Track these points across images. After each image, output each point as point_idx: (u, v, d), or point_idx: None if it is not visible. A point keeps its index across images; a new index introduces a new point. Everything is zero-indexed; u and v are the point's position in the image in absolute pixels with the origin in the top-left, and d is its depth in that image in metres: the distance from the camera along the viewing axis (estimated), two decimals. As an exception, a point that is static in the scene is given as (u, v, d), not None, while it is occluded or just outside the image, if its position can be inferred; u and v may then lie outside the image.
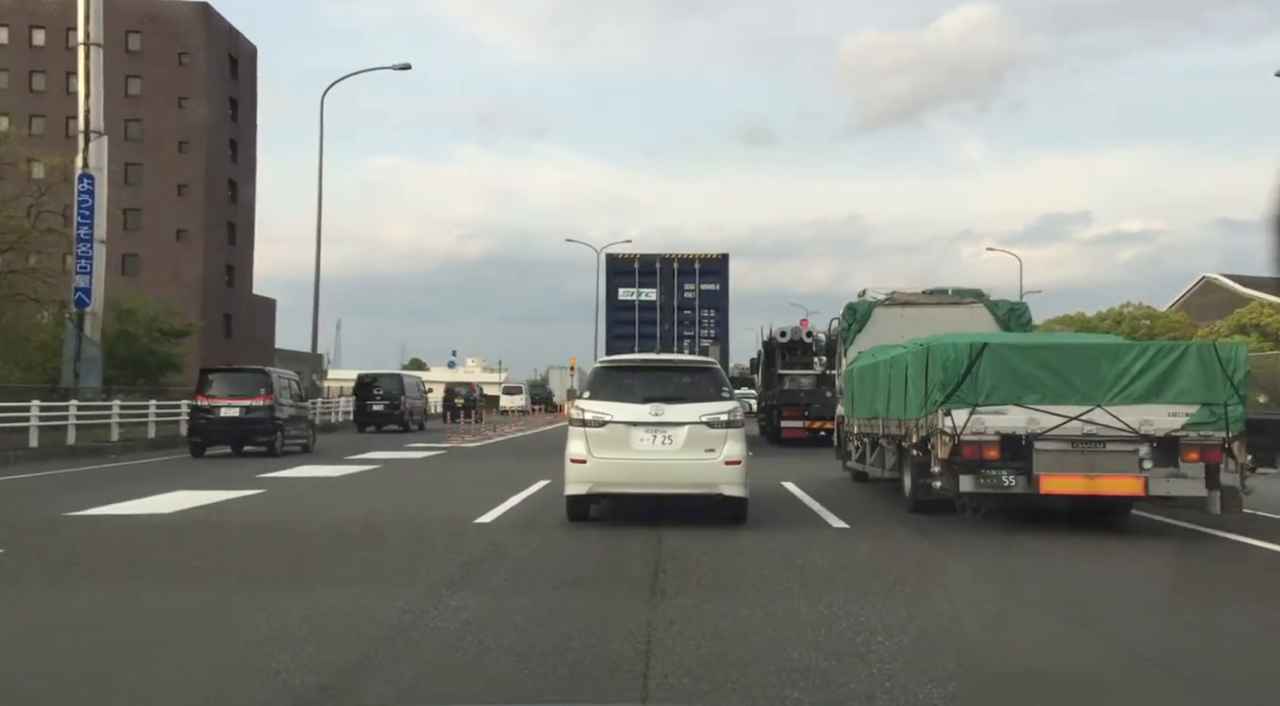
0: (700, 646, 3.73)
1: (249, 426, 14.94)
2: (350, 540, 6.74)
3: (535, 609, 4.37)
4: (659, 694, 3.22)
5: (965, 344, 7.06)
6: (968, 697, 3.21)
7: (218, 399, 15.16)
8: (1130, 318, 68.25)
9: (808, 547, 6.24)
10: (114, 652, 3.70)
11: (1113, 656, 3.77)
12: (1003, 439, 6.83)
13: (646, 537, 6.57)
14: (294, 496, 9.54)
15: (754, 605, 4.49)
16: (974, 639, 4.06)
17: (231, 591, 4.81)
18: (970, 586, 5.28)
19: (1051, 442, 6.81)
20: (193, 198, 50.56)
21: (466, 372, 70.47)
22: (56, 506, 8.15)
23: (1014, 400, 6.83)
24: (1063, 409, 6.79)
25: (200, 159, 50.73)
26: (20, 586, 5.08)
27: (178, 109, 50.93)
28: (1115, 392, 6.77)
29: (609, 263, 20.30)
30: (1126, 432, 6.73)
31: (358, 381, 27.89)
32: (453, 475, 12.07)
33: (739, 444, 7.17)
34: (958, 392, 6.88)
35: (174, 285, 48.90)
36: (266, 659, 3.52)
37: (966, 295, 11.14)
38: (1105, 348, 7.21)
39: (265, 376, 15.81)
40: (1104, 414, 6.76)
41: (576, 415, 7.41)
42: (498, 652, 3.67)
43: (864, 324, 10.94)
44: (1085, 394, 6.80)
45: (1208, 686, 3.48)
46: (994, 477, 6.83)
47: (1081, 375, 6.84)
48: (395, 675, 3.40)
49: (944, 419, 6.90)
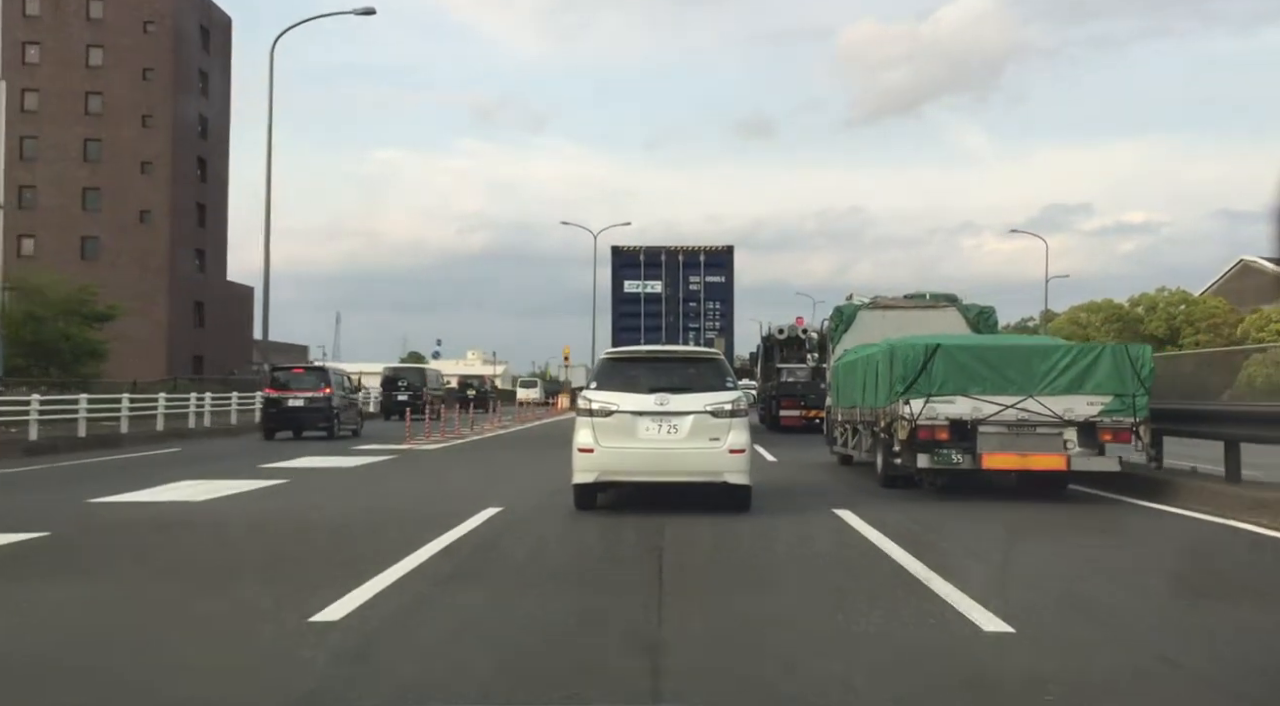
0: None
1: (311, 414, 18.87)
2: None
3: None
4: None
5: (922, 345, 9.55)
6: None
7: (285, 391, 19.43)
8: (1166, 303, 69.58)
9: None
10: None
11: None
12: (951, 423, 9.31)
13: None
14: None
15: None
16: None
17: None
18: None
19: (992, 427, 9.29)
20: (158, 176, 51.98)
21: (467, 365, 74.29)
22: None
23: (961, 391, 9.31)
24: (1001, 399, 9.27)
25: (165, 134, 52.14)
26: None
27: (142, 81, 52.28)
28: (1044, 385, 9.25)
29: (615, 255, 22.53)
30: (1053, 418, 9.21)
31: (384, 375, 34.96)
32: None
33: (743, 433, 8.25)
34: (915, 385, 9.36)
35: (137, 270, 50.75)
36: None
37: (941, 299, 13.77)
38: (1036, 348, 9.72)
39: (325, 373, 20.46)
40: (1035, 403, 9.24)
41: (584, 405, 8.46)
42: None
43: (849, 325, 13.53)
44: (1020, 386, 9.27)
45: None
46: (945, 456, 9.32)
47: (1017, 370, 9.32)
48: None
49: (904, 407, 9.38)
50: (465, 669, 3.93)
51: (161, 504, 9.37)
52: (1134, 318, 76.61)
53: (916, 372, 9.38)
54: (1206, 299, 48.97)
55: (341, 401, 20.50)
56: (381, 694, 3.55)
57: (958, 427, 9.33)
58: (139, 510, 8.93)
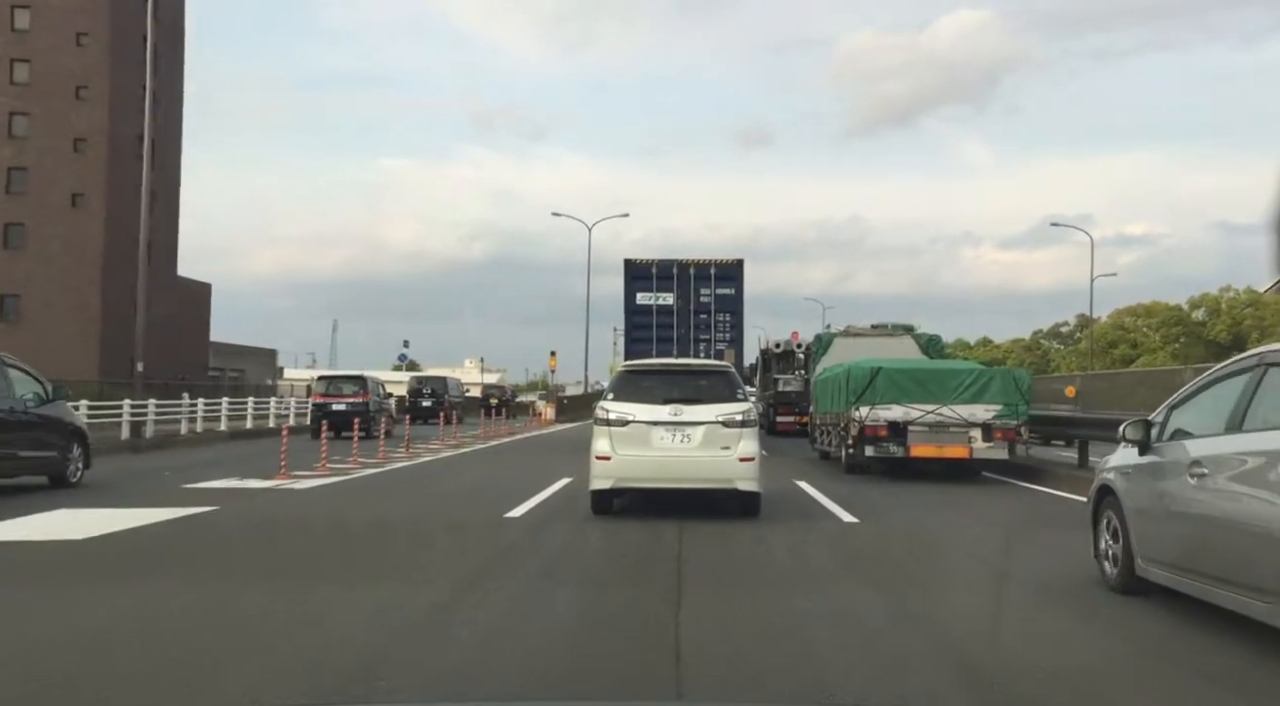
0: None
1: (351, 416, 24.93)
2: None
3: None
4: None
5: (869, 367, 16.01)
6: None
7: (330, 397, 27.30)
8: (1230, 305, 71.62)
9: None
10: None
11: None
12: (889, 424, 15.73)
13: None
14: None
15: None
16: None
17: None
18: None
19: (918, 426, 15.72)
20: (93, 155, 53.51)
21: (464, 373, 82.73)
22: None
23: (896, 401, 15.74)
24: (925, 406, 15.70)
25: (102, 109, 53.49)
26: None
27: (76, 47, 53.08)
28: (955, 397, 15.70)
29: (627, 268, 26.97)
30: (961, 421, 15.66)
31: (410, 383, 44.84)
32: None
33: (753, 442, 10.18)
34: (863, 396, 15.78)
35: (67, 260, 53.00)
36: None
37: (899, 329, 20.53)
38: (950, 370, 16.26)
39: (364, 381, 28.29)
40: (948, 410, 15.69)
41: (601, 415, 10.32)
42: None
43: (827, 348, 20.20)
44: (938, 397, 15.71)
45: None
46: (885, 447, 15.75)
47: (936, 386, 15.77)
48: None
49: (855, 412, 15.80)
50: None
51: (21, 544, 8.90)
52: (1194, 322, 78.64)
53: (864, 387, 15.82)
54: (1275, 297, 50.52)
55: (376, 406, 28.26)
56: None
57: (894, 427, 15.76)
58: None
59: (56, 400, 14.15)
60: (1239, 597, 5.41)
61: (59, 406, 14.25)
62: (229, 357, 69.98)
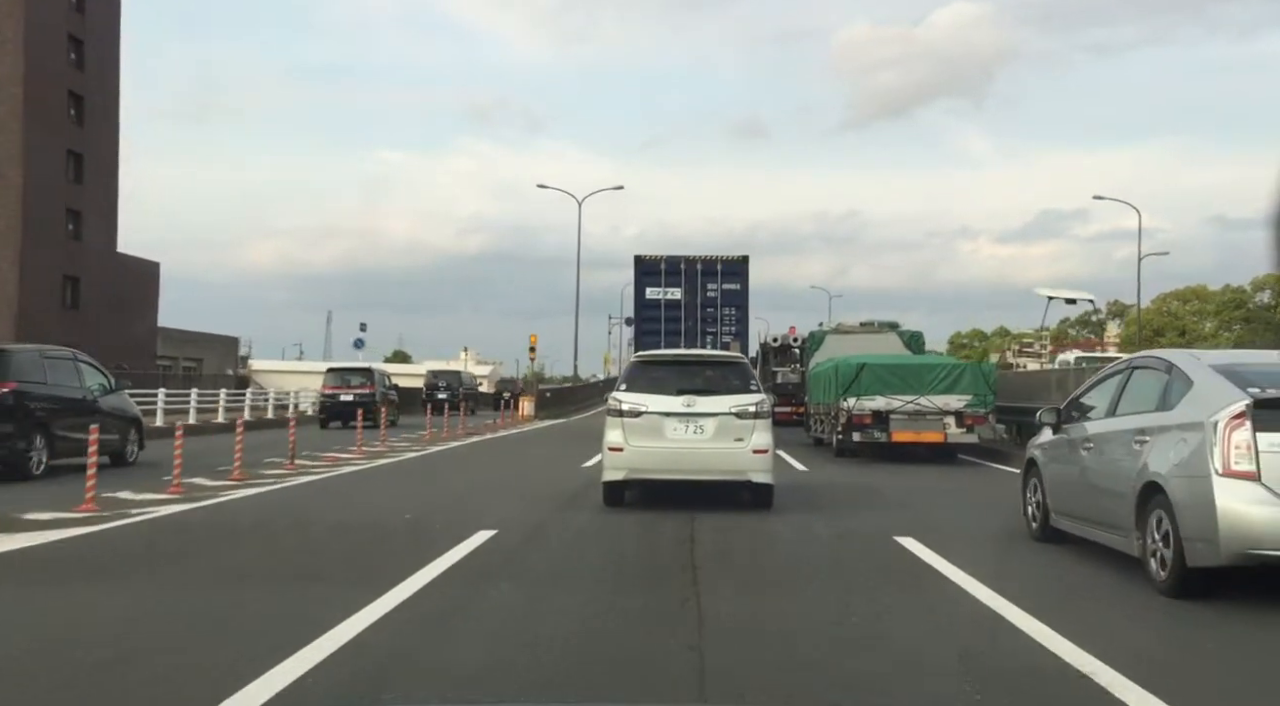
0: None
1: (357, 407, 26.88)
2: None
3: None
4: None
5: (856, 362, 18.21)
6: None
7: (338, 389, 29.11)
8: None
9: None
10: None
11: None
12: (873, 413, 17.92)
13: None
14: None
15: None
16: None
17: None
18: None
19: (899, 415, 17.90)
20: (4, 112, 45.77)
21: (458, 365, 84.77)
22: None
23: (879, 392, 17.92)
24: (905, 397, 17.88)
25: (16, 57, 45.62)
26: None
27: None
28: (931, 388, 17.88)
29: (637, 263, 28.39)
30: (935, 409, 17.85)
31: (427, 377, 48.11)
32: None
33: (766, 433, 10.10)
34: (850, 388, 17.97)
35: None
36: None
37: (885, 326, 22.78)
38: (926, 365, 18.47)
39: (370, 372, 30.37)
40: (925, 400, 17.87)
41: (614, 406, 10.24)
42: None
43: (819, 344, 22.44)
44: (916, 389, 17.89)
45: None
46: (869, 433, 17.95)
47: (915, 379, 17.96)
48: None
49: (844, 402, 18.00)
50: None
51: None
52: (1260, 306, 75.38)
53: (851, 380, 18.01)
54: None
55: (381, 397, 29.85)
56: None
57: (877, 415, 17.94)
58: None
59: (119, 390, 16.42)
60: (1107, 535, 7.62)
61: (120, 396, 16.35)
62: (181, 345, 64.35)
